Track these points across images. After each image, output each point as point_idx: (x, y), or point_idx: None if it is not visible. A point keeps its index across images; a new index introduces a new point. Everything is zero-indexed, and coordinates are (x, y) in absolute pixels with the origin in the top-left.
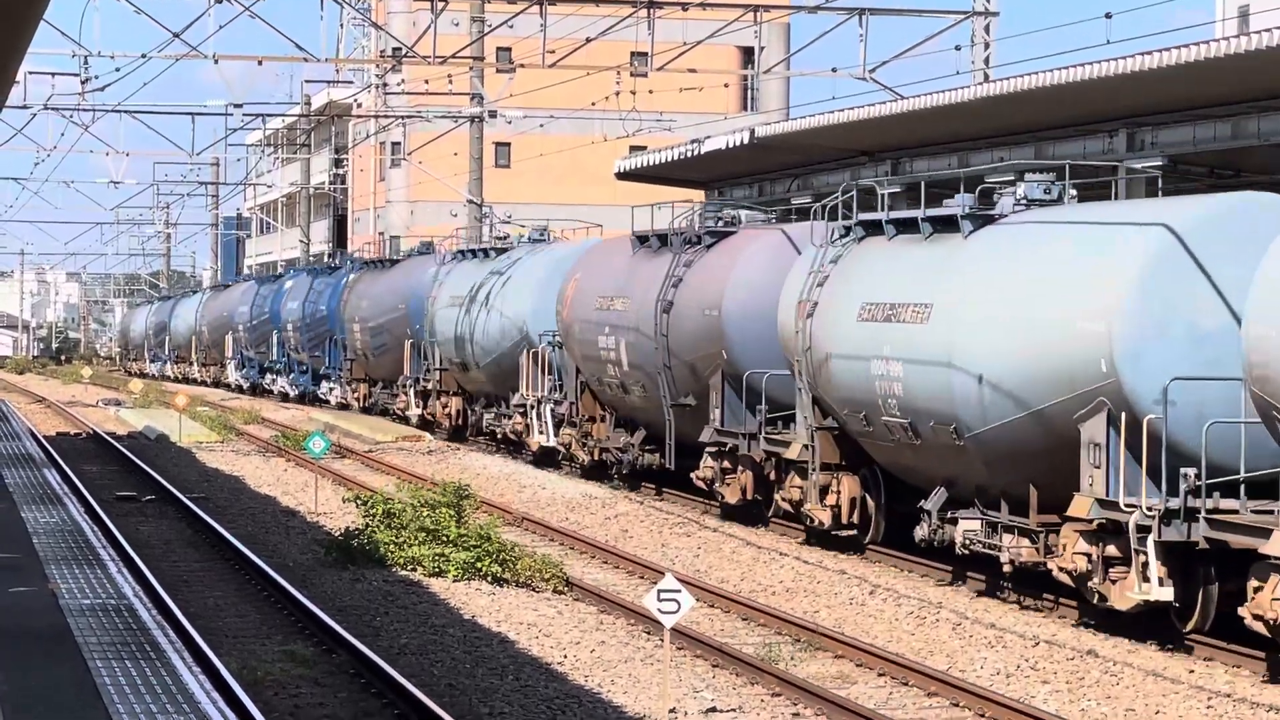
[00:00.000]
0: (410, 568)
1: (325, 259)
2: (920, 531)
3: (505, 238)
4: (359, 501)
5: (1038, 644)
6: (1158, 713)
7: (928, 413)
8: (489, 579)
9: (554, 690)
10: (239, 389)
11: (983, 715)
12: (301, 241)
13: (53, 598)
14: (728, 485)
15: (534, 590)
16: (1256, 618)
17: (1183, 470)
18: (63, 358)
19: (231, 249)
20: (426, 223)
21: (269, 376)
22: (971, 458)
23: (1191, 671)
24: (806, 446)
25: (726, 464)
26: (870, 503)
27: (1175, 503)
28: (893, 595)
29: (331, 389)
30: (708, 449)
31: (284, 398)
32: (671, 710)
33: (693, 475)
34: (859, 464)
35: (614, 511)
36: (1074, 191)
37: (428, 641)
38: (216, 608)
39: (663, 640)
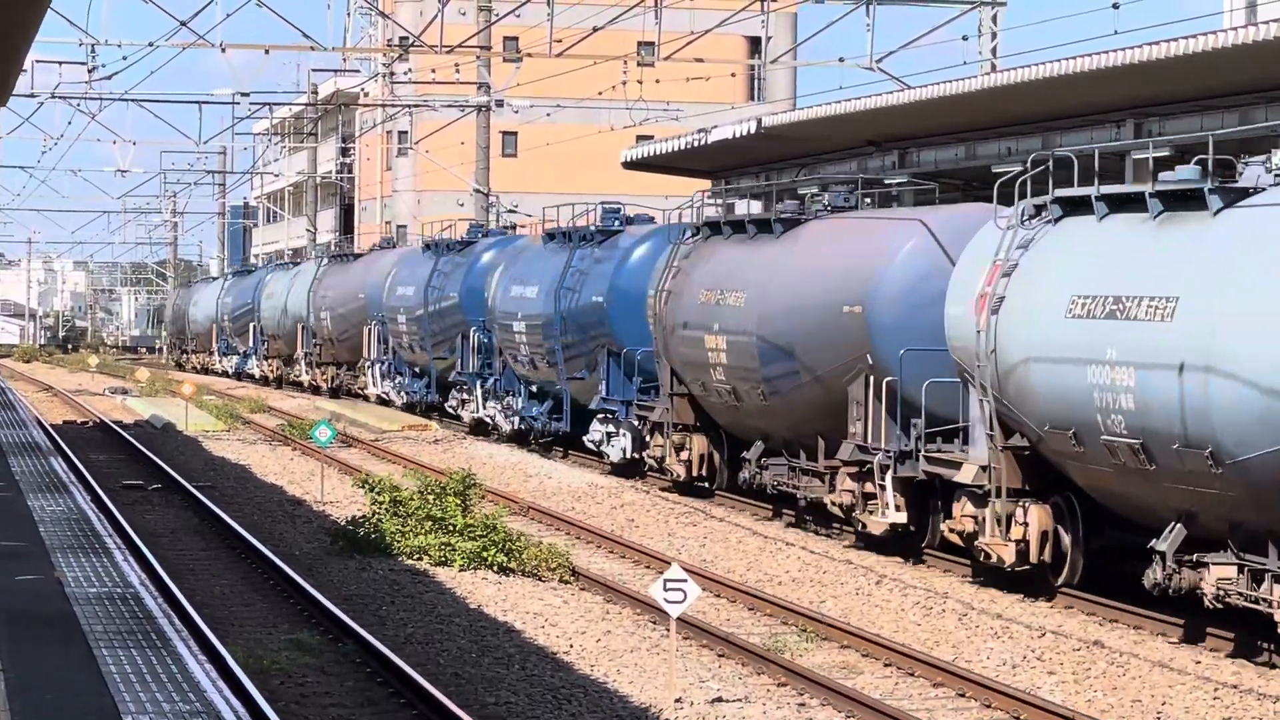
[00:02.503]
0: (416, 557)
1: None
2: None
3: (508, 227)
4: (366, 485)
5: (1044, 635)
6: (1164, 703)
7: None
8: (495, 568)
9: (560, 680)
10: (418, 407)
11: (989, 705)
12: (308, 230)
13: (59, 585)
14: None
15: (540, 580)
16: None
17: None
18: (70, 346)
19: (238, 238)
20: (433, 211)
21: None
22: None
23: (1198, 662)
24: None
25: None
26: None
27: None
28: (899, 585)
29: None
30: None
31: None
32: (677, 700)
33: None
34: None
35: (620, 501)
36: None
37: (434, 631)
38: (223, 596)
39: (669, 630)
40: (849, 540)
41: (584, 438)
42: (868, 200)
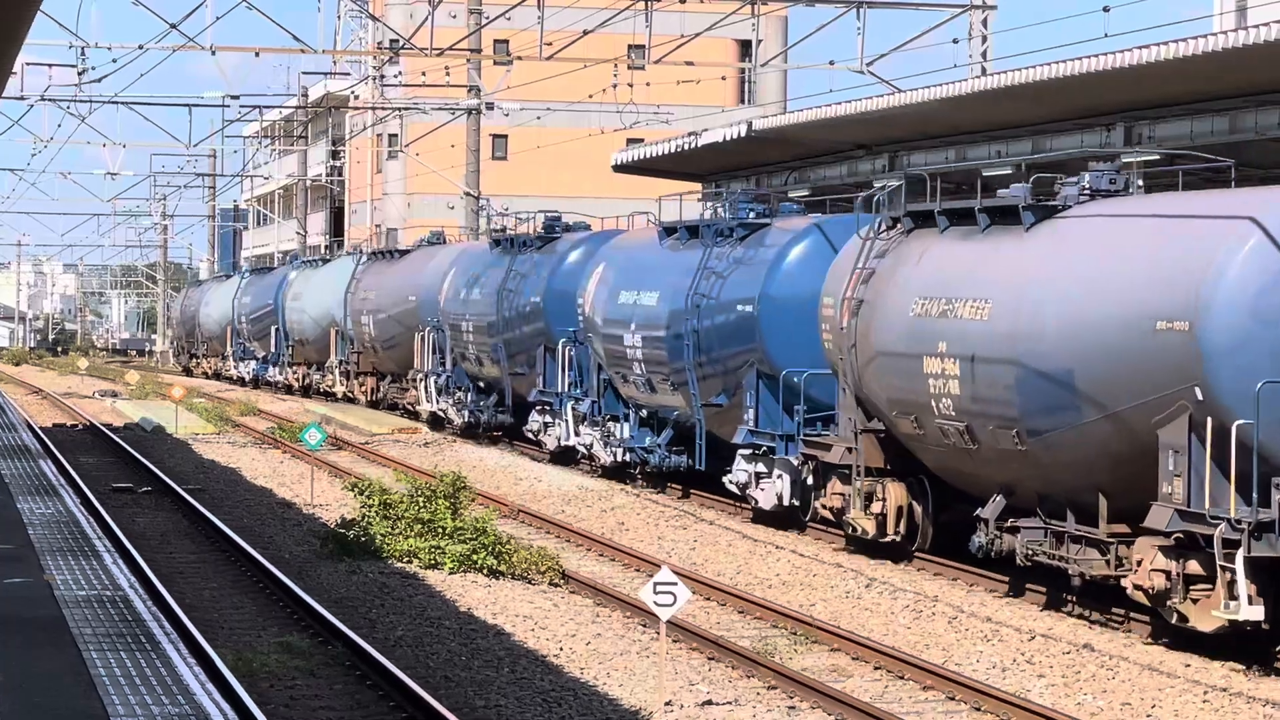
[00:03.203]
0: (406, 560)
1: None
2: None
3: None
4: (356, 489)
5: (1034, 638)
6: (1154, 706)
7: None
8: (485, 571)
9: (549, 683)
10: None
11: (979, 709)
12: (298, 233)
13: (48, 588)
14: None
15: (530, 583)
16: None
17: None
18: (59, 349)
19: (228, 241)
20: (424, 215)
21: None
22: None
23: (1188, 666)
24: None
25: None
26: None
27: None
28: (889, 589)
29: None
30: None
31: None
32: (667, 703)
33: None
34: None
35: (610, 504)
36: (1140, 182)
37: (423, 633)
38: (212, 599)
39: (659, 633)
40: (1146, 632)
41: (724, 478)
42: (1139, 184)
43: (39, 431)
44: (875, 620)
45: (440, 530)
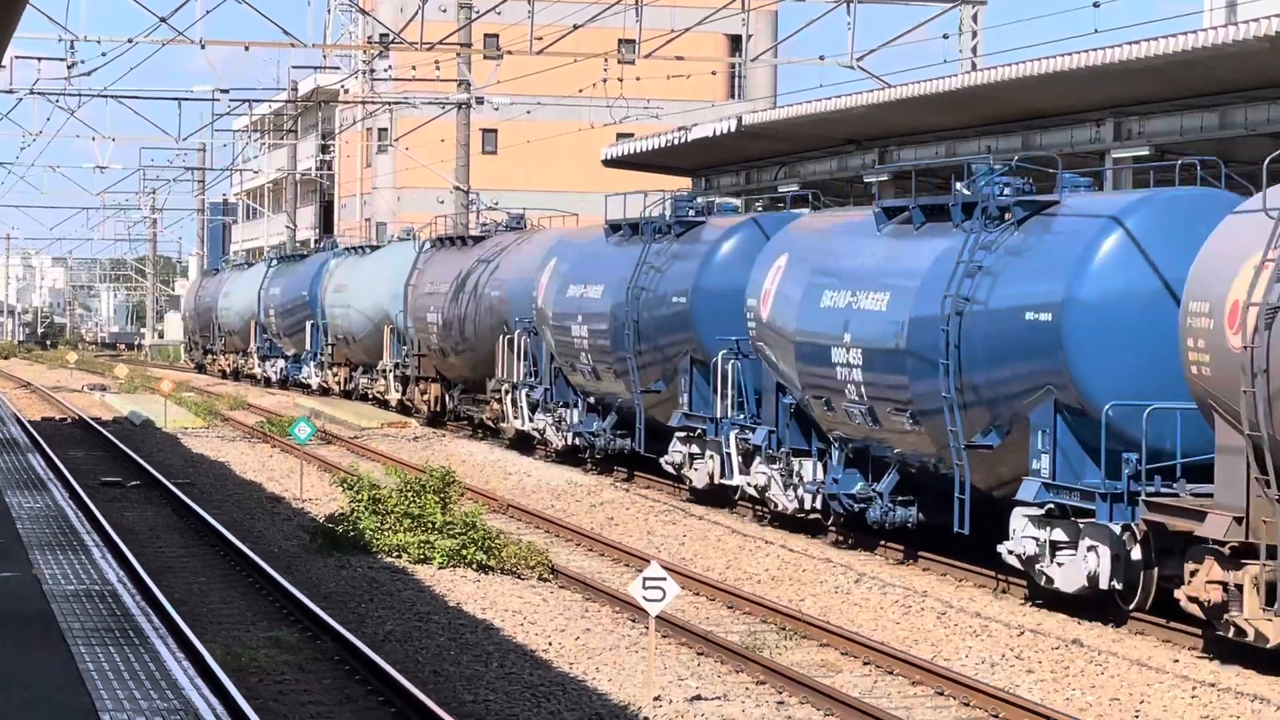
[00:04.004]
0: (395, 554)
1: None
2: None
3: (485, 225)
4: (345, 484)
5: (1023, 633)
6: (1142, 702)
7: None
8: (474, 566)
9: (538, 677)
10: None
11: (968, 704)
12: (288, 227)
13: (37, 583)
14: None
15: (519, 577)
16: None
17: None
18: (48, 343)
19: (218, 235)
20: (413, 209)
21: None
22: None
23: (1176, 661)
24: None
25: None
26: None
27: None
28: (878, 584)
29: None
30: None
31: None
32: (656, 698)
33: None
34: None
35: (599, 499)
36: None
37: (412, 628)
38: (201, 594)
39: (648, 628)
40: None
41: (1002, 547)
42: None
43: (27, 425)
44: (864, 615)
45: (430, 525)
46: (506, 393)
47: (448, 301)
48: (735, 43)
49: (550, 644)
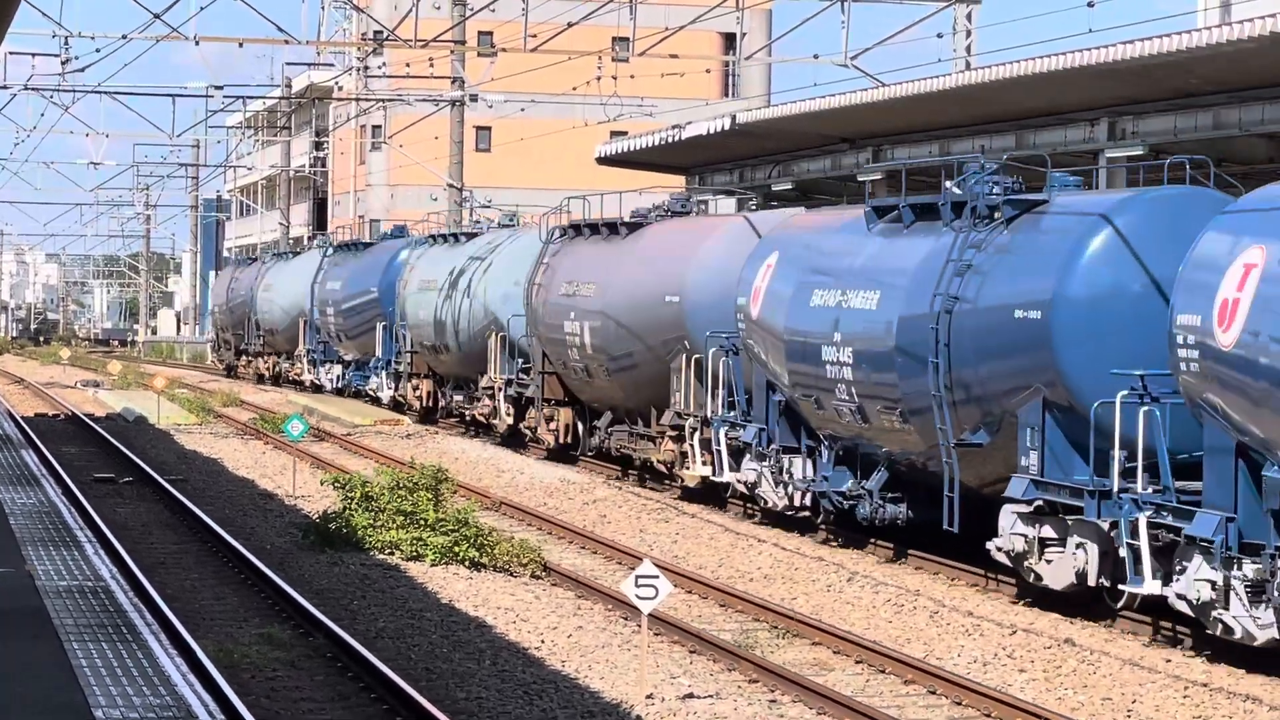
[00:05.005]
0: (388, 551)
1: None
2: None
3: (477, 222)
4: (336, 484)
5: (1015, 632)
6: (1134, 701)
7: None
8: (467, 563)
9: (531, 675)
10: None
11: (960, 703)
12: (281, 224)
13: (30, 579)
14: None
15: (512, 575)
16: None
17: None
18: (41, 339)
19: (211, 231)
20: (407, 206)
21: None
22: None
23: (1169, 661)
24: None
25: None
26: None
27: None
28: (870, 582)
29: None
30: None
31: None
32: (649, 696)
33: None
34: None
35: (592, 497)
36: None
37: (405, 625)
38: (194, 590)
39: (640, 626)
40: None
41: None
42: None
43: (20, 421)
44: (857, 614)
45: (422, 522)
46: (693, 433)
47: (598, 309)
48: (729, 41)
49: (543, 642)
